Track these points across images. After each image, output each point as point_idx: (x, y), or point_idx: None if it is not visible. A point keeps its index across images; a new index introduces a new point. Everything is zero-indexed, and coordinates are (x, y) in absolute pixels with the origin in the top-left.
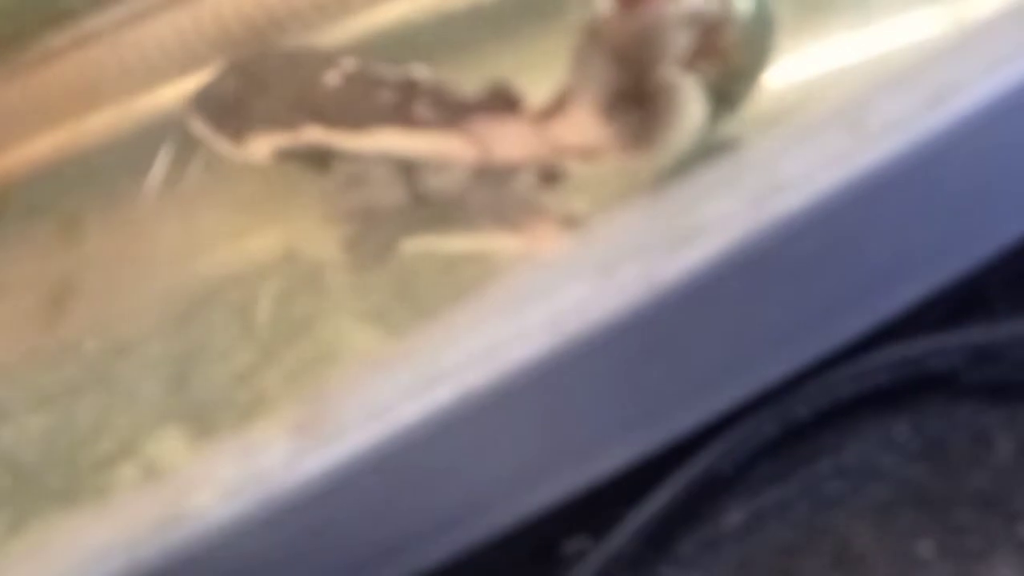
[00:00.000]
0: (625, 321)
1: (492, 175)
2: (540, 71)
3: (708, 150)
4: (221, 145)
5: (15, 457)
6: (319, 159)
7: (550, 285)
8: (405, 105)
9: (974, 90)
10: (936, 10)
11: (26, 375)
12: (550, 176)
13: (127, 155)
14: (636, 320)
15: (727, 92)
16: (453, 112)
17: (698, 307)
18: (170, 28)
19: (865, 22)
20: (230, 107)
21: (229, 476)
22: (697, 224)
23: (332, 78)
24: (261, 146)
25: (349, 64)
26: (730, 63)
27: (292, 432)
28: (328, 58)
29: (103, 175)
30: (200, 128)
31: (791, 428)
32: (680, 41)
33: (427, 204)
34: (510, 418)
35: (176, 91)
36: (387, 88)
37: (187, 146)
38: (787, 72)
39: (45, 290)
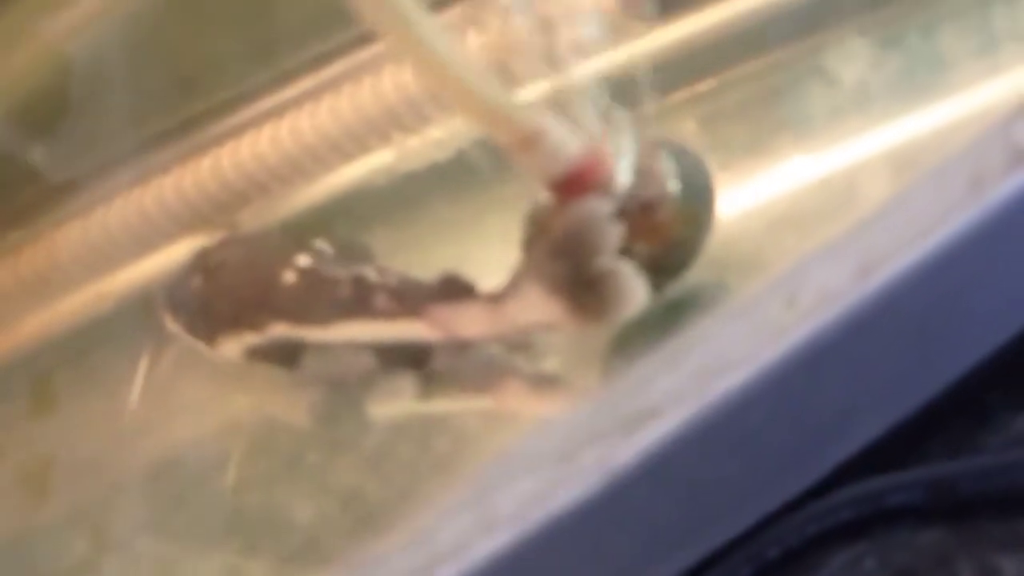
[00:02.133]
0: (587, 505)
1: (457, 347)
2: (493, 222)
3: (658, 314)
4: (195, 346)
5: None
6: (288, 355)
7: (513, 476)
8: (365, 298)
9: (899, 260)
10: (873, 137)
11: (14, 568)
12: (517, 346)
13: (99, 334)
14: (598, 503)
15: (668, 263)
16: (411, 301)
17: (657, 482)
18: (134, 208)
19: (810, 149)
20: (198, 310)
21: None
22: (648, 406)
23: (289, 276)
24: (232, 347)
25: (303, 261)
26: (668, 238)
27: None
28: (285, 249)
29: (78, 355)
30: (174, 329)
31: (763, 569)
32: (615, 231)
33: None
34: None
35: (145, 267)
36: (343, 284)
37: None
38: (739, 208)
39: (25, 471)
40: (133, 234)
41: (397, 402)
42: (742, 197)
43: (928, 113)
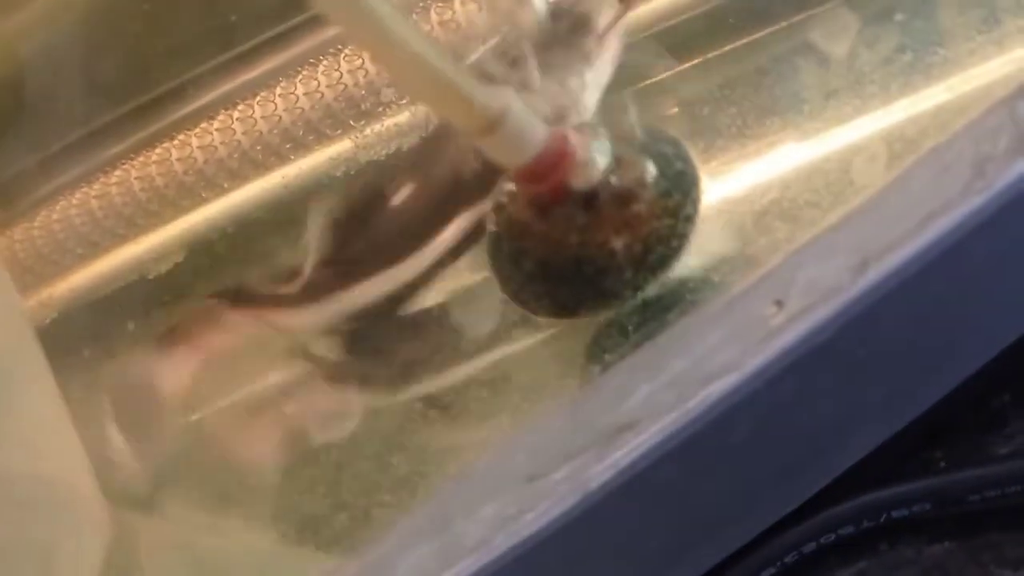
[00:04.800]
0: (559, 530)
1: None
2: None
3: (637, 315)
4: None
5: None
6: None
7: (477, 499)
8: None
9: (898, 253)
10: (869, 120)
11: None
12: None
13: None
14: (570, 527)
15: (648, 259)
16: None
17: (635, 503)
18: (79, 208)
19: (801, 133)
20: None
21: None
22: (624, 420)
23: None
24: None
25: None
26: (647, 231)
27: None
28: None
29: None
30: None
31: None
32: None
33: None
34: None
35: (90, 272)
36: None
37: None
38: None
39: None
40: (78, 235)
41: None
42: (728, 186)
43: (927, 93)
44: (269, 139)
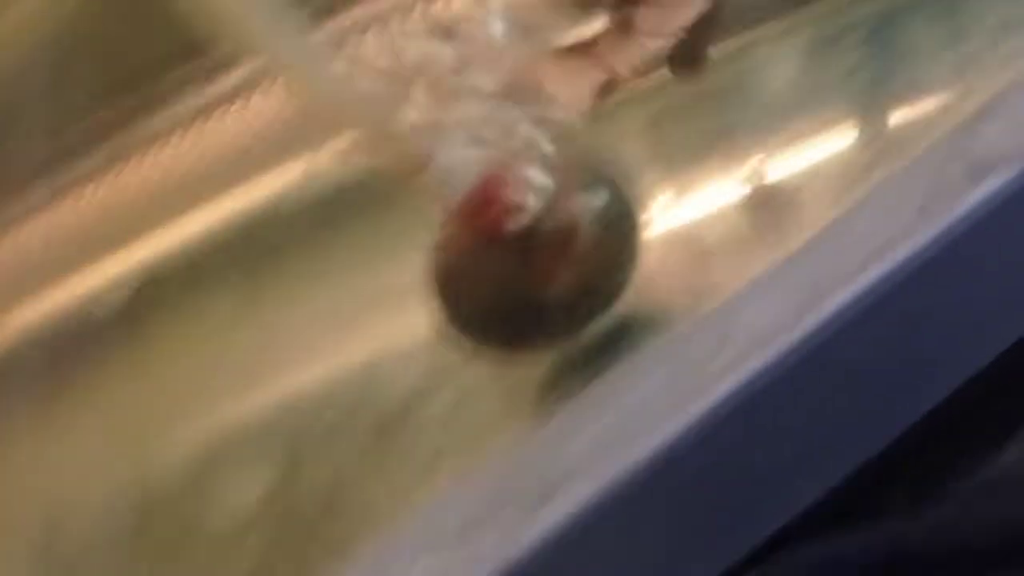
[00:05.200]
0: None
1: None
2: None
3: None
4: None
5: None
6: None
7: (403, 559)
8: None
9: (844, 292)
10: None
11: None
12: None
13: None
14: None
15: (586, 300)
16: None
17: (572, 554)
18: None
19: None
20: None
21: None
22: (554, 476)
23: None
24: None
25: None
26: (586, 271)
27: None
28: None
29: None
30: None
31: None
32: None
33: None
34: None
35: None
36: None
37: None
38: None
39: None
40: (32, 263)
41: None
42: (670, 221)
43: (883, 116)
44: (230, 159)
